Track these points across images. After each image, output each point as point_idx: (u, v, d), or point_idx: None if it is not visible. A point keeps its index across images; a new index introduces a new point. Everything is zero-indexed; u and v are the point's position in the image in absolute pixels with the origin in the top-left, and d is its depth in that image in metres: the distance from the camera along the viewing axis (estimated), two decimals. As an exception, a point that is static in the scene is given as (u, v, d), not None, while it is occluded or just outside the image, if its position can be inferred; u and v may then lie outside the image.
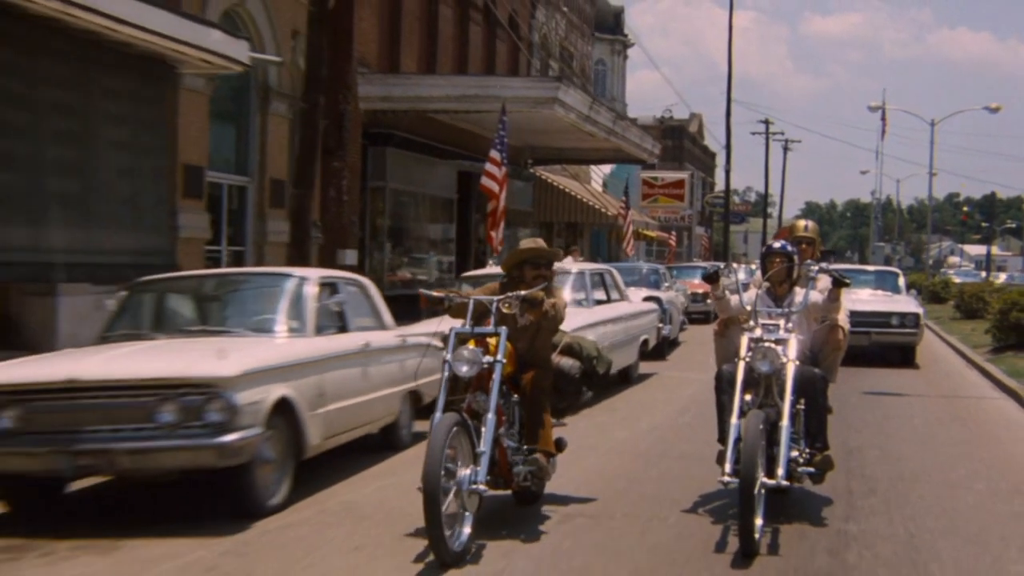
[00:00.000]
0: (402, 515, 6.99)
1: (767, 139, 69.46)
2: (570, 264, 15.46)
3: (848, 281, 7.53)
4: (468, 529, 6.24)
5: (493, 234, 17.26)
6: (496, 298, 6.84)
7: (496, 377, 6.50)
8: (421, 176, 21.92)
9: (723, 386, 7.31)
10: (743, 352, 7.07)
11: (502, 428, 6.68)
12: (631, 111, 50.87)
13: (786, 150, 74.53)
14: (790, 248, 7.75)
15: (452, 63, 24.07)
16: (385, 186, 20.32)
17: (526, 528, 6.86)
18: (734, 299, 7.68)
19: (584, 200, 32.86)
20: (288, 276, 8.82)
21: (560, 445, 7.39)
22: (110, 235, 10.74)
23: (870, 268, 25.47)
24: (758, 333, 7.14)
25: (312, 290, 8.49)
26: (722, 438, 7.13)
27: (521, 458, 6.90)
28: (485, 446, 6.30)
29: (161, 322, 8.77)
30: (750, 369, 7.01)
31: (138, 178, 11.32)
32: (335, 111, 17.40)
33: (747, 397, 6.97)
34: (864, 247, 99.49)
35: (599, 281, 14.70)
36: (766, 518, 6.61)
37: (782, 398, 6.94)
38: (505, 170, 17.42)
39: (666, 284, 22.21)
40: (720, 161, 60.15)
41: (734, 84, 48.72)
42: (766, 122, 69.12)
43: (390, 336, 9.53)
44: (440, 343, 7.31)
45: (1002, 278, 60.00)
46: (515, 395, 7.05)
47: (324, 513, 7.39)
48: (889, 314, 17.82)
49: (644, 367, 15.74)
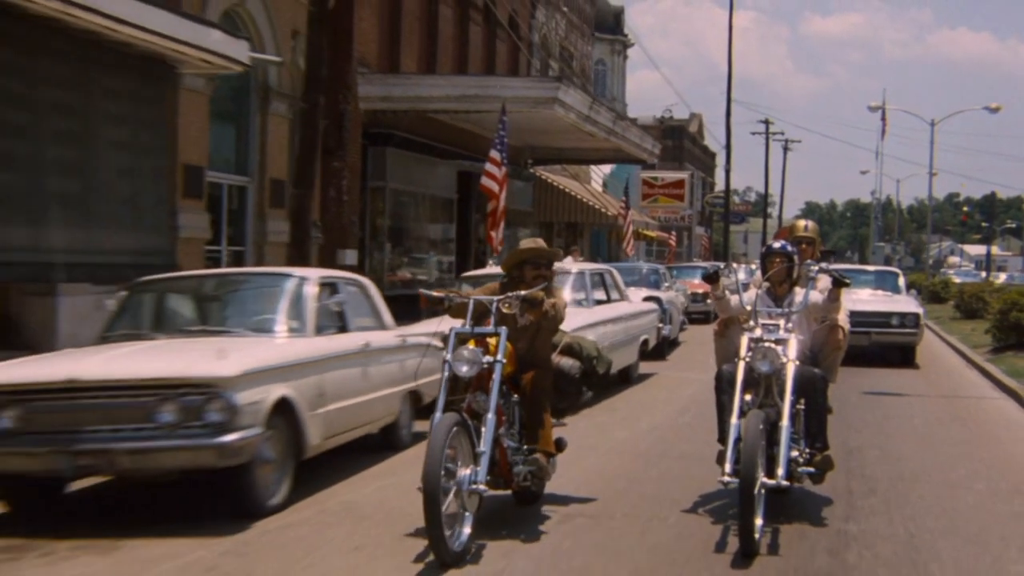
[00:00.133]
0: (402, 515, 6.99)
1: (767, 139, 69.54)
2: (570, 264, 15.47)
3: (848, 281, 7.51)
4: (468, 529, 6.24)
5: (493, 234, 17.26)
6: (496, 298, 6.83)
7: (496, 377, 6.50)
8: (421, 176, 21.91)
9: (723, 386, 7.30)
10: (743, 352, 7.06)
11: (502, 428, 6.68)
12: (631, 111, 50.93)
13: (786, 150, 74.67)
14: (790, 248, 7.73)
15: (452, 63, 24.07)
16: (385, 186, 20.31)
17: (526, 528, 6.87)
18: (734, 299, 7.67)
19: (584, 200, 32.85)
20: (288, 276, 8.82)
21: (560, 445, 7.38)
22: (110, 235, 10.75)
23: (870, 268, 25.45)
24: (758, 333, 7.13)
25: (312, 290, 8.49)
26: (722, 438, 7.12)
27: (521, 458, 6.90)
28: (485, 446, 6.30)
29: (161, 322, 8.78)
30: (750, 369, 7.00)
31: (138, 178, 11.34)
32: (335, 111, 17.41)
33: (747, 397, 6.96)
34: (864, 247, 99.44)
35: (599, 281, 14.71)
36: (766, 518, 6.60)
37: (782, 398, 6.93)
38: (505, 170, 17.41)
39: (666, 284, 22.22)
40: (720, 161, 60.26)
41: (734, 84, 48.71)
42: (766, 122, 69.28)
43: (390, 336, 9.54)
44: (440, 343, 7.32)
45: (1002, 278, 60.04)
46: (515, 395, 7.05)
47: (324, 513, 7.40)
48: (889, 314, 17.81)
49: (644, 367, 15.75)
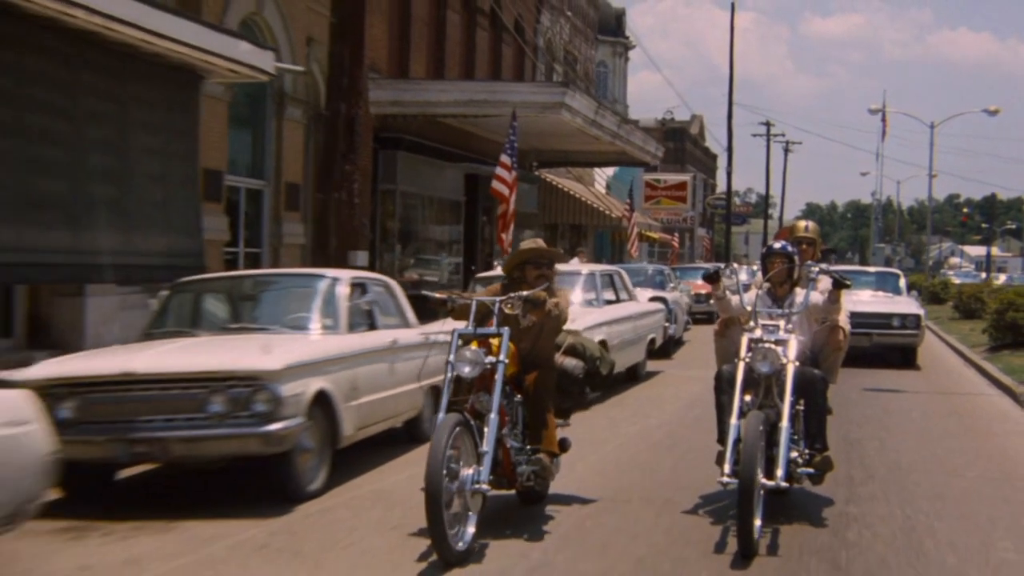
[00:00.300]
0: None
1: (768, 141, 69.79)
2: (580, 266, 15.96)
3: (849, 282, 7.51)
4: (472, 529, 6.28)
5: (504, 236, 17.72)
6: (498, 299, 6.88)
7: (499, 377, 6.53)
8: (430, 179, 22.13)
9: (723, 386, 7.29)
10: (743, 353, 7.04)
11: (505, 428, 6.72)
12: (632, 113, 51.28)
13: (787, 152, 74.85)
14: (790, 249, 7.70)
15: (459, 68, 24.38)
16: (395, 189, 20.53)
17: (530, 528, 6.92)
18: (735, 299, 7.64)
19: (588, 202, 33.11)
20: (321, 277, 9.30)
21: (564, 445, 7.44)
22: (144, 238, 11.16)
23: (871, 269, 25.50)
24: (758, 334, 7.12)
25: (344, 290, 8.98)
26: (721, 439, 7.12)
27: (525, 458, 6.94)
28: (488, 446, 6.31)
29: (202, 320, 9.27)
30: (750, 370, 6.98)
31: (170, 183, 11.76)
32: (347, 116, 17.85)
33: (747, 398, 6.95)
34: (864, 248, 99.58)
35: (609, 282, 15.14)
36: (765, 519, 6.61)
37: (782, 399, 6.91)
38: (515, 174, 17.80)
39: (671, 285, 22.51)
40: (721, 163, 60.54)
41: (735, 85, 49.04)
42: (767, 124, 69.54)
43: (414, 334, 10.00)
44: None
45: (1002, 279, 60.45)
46: (518, 395, 7.11)
47: (358, 499, 7.88)
48: (890, 315, 17.82)
49: (651, 365, 16.21)
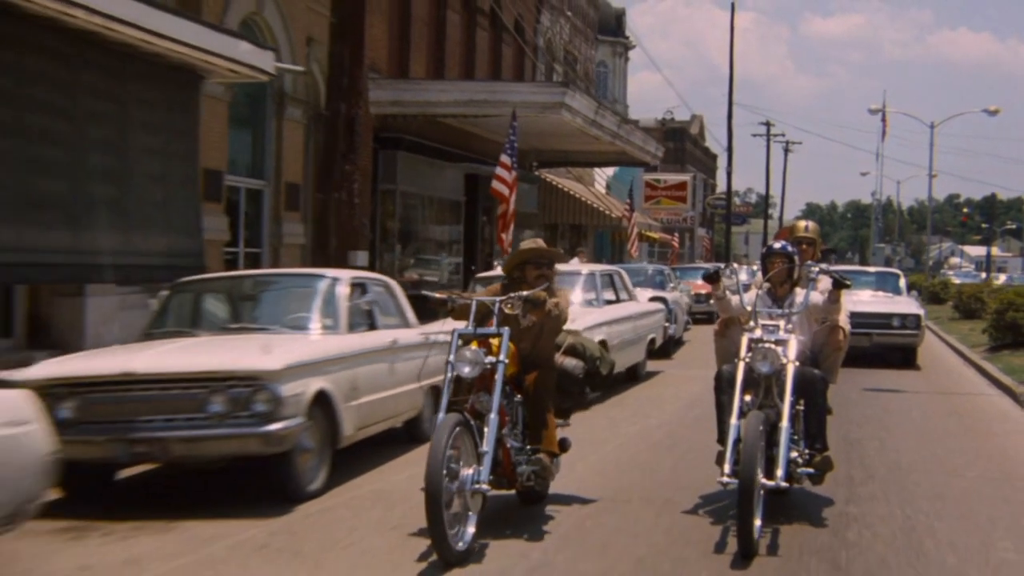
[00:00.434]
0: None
1: (768, 141, 69.80)
2: (580, 266, 15.96)
3: (849, 282, 7.49)
4: (472, 528, 6.28)
5: (504, 236, 17.73)
6: (499, 299, 6.88)
7: (498, 377, 6.52)
8: (430, 179, 22.14)
9: (723, 386, 7.28)
10: (743, 353, 7.03)
11: (505, 428, 6.72)
12: (632, 113, 51.28)
13: (787, 152, 74.86)
14: (790, 249, 7.69)
15: (459, 68, 24.38)
16: (395, 189, 20.53)
17: (530, 528, 6.93)
18: (735, 299, 7.63)
19: (588, 202, 33.11)
20: (321, 277, 9.31)
21: (564, 445, 7.43)
22: (144, 238, 11.15)
23: (871, 269, 25.47)
24: (758, 334, 7.10)
25: (344, 290, 8.98)
26: (721, 439, 7.11)
27: (525, 458, 6.94)
28: (488, 446, 6.31)
29: (202, 320, 9.27)
30: (750, 370, 6.97)
31: (170, 183, 11.76)
32: (347, 116, 17.86)
33: (747, 398, 6.93)
34: (865, 248, 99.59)
35: (609, 282, 15.14)
36: (765, 519, 6.60)
37: (782, 399, 6.90)
38: (515, 174, 17.81)
39: (671, 285, 22.52)
40: (721, 163, 60.56)
41: (735, 86, 49.05)
42: (767, 124, 69.57)
43: (414, 334, 10.00)
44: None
45: (1002, 279, 60.46)
46: (518, 395, 7.10)
47: (358, 499, 7.88)
48: (890, 315, 17.80)
49: (651, 365, 16.21)
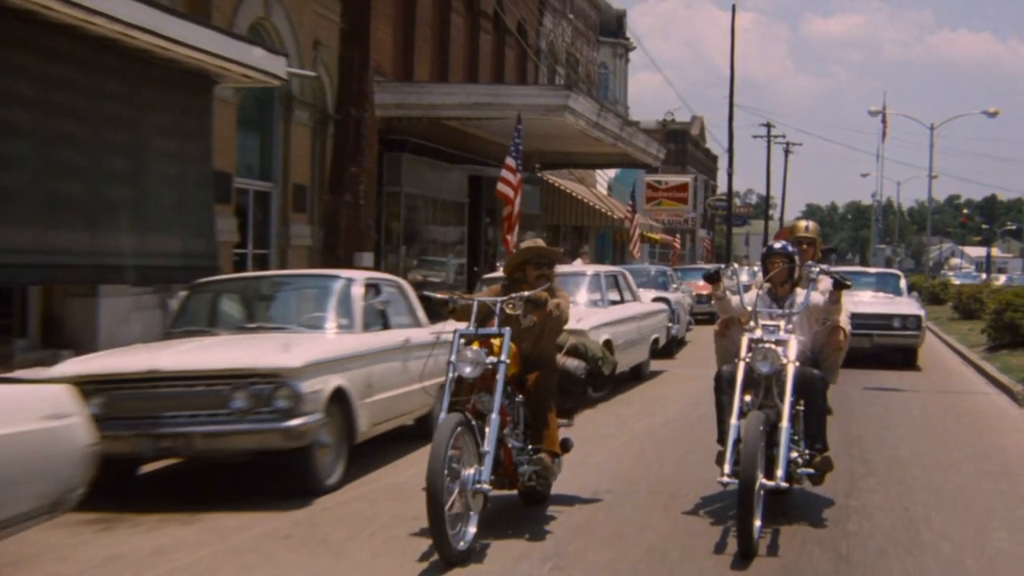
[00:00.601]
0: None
1: (768, 143, 70.01)
2: (585, 267, 16.19)
3: (849, 283, 7.50)
4: (473, 528, 6.30)
5: (509, 238, 17.97)
6: (500, 299, 6.92)
7: (500, 377, 6.55)
8: (434, 181, 22.38)
9: (723, 386, 7.30)
10: (743, 353, 7.05)
11: (507, 428, 6.76)
12: (633, 114, 51.45)
13: (787, 153, 75.07)
14: (791, 249, 7.70)
15: (463, 70, 24.61)
16: (400, 191, 20.74)
17: (531, 528, 6.97)
18: (735, 300, 7.65)
19: (590, 203, 33.32)
20: (336, 277, 9.56)
21: (566, 446, 7.47)
22: (160, 240, 11.40)
23: (871, 270, 25.54)
24: (758, 334, 7.12)
25: (359, 290, 9.24)
26: (721, 439, 7.13)
27: (526, 458, 6.97)
28: (489, 446, 6.34)
29: (221, 320, 9.51)
30: (750, 370, 6.99)
31: (184, 186, 12.02)
32: (354, 119, 18.07)
33: (747, 398, 6.95)
34: (865, 249, 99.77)
35: (613, 283, 15.37)
36: (765, 519, 6.63)
37: (782, 399, 6.92)
38: (520, 176, 18.05)
39: (673, 285, 22.71)
40: (722, 164, 60.83)
41: (735, 86, 49.26)
42: (767, 125, 69.78)
43: (425, 333, 10.24)
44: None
45: (1002, 280, 60.69)
46: (520, 395, 7.13)
47: (375, 492, 8.13)
48: (891, 316, 17.85)
49: (654, 365, 16.45)
